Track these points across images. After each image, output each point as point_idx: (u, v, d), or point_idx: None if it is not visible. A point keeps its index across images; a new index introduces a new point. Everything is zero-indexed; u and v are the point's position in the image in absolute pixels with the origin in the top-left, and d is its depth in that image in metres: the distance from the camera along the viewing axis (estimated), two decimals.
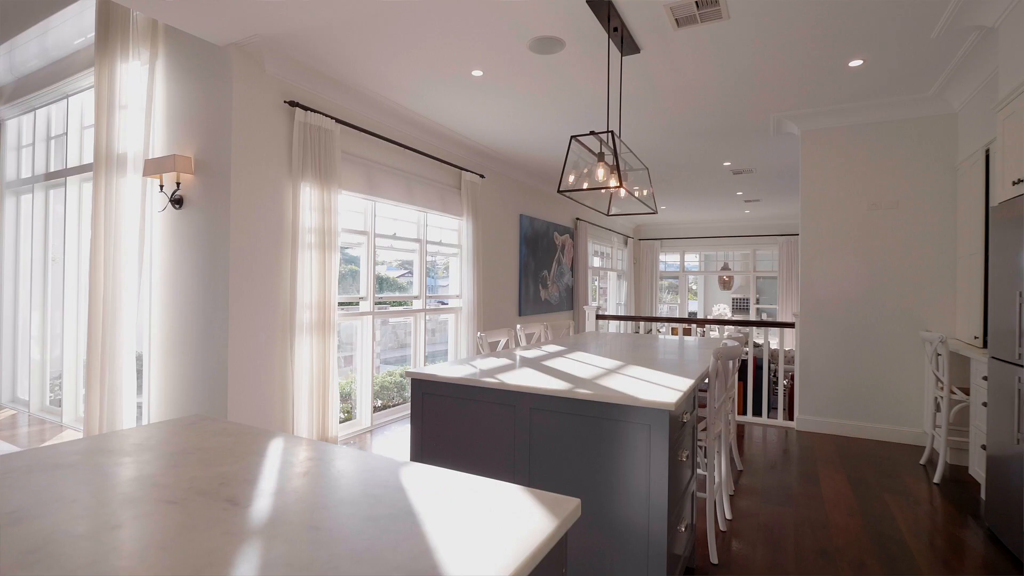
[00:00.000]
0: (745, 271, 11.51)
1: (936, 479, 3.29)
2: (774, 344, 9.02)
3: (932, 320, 4.06)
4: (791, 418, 4.91)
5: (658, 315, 11.94)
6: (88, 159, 4.19)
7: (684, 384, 1.93)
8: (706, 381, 2.61)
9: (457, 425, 2.03)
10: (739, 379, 5.04)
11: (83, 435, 3.56)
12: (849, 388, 4.33)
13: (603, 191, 3.31)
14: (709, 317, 13.52)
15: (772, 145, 5.28)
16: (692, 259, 12.47)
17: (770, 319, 12.56)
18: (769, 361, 5.10)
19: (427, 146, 4.92)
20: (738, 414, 4.97)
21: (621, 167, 3.12)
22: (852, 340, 4.33)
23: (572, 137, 2.56)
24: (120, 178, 3.49)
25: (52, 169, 4.57)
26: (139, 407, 3.67)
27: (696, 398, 2.31)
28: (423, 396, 2.11)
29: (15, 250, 4.85)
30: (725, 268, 13.13)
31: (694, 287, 14.40)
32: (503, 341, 3.17)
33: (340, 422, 4.18)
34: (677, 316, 12.73)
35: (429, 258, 5.31)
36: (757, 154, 5.64)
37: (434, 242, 5.22)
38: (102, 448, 1.06)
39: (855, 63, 3.43)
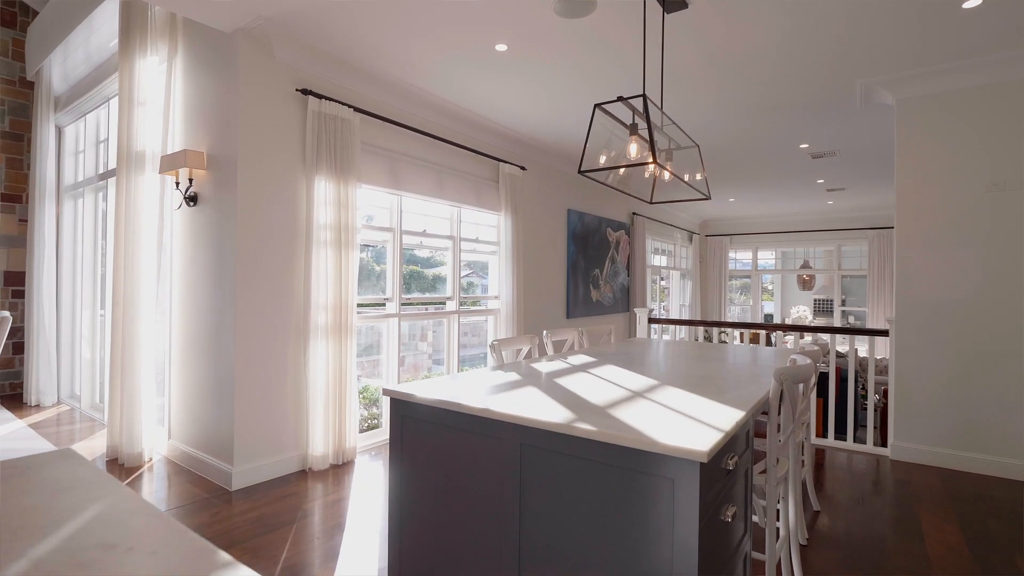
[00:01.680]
0: (828, 270, 10.34)
1: None
2: (862, 352, 7.95)
3: None
4: (884, 443, 4.14)
5: (727, 319, 11.01)
6: None
7: (729, 420, 1.44)
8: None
9: (439, 461, 1.65)
10: (818, 395, 4.32)
11: (107, 435, 3.52)
12: (961, 410, 3.53)
13: (645, 174, 2.82)
14: (787, 320, 12.34)
15: (859, 120, 4.49)
16: (767, 256, 11.40)
17: (858, 323, 11.26)
18: (856, 372, 4.34)
19: (458, 136, 4.59)
20: (816, 435, 4.25)
21: (665, 143, 2.62)
22: (964, 352, 3.53)
23: (596, 105, 2.11)
24: (139, 176, 3.42)
25: (100, 172, 4.67)
26: (161, 409, 3.60)
27: (753, 428, 1.79)
28: (402, 420, 1.74)
29: (73, 252, 5.03)
30: (805, 266, 11.92)
31: (770, 287, 13.21)
32: (525, 349, 2.76)
33: (363, 431, 3.93)
34: (749, 320, 11.70)
35: (469, 256, 4.98)
36: (841, 133, 4.85)
37: (469, 239, 4.88)
38: None
39: (970, 4, 2.71)
